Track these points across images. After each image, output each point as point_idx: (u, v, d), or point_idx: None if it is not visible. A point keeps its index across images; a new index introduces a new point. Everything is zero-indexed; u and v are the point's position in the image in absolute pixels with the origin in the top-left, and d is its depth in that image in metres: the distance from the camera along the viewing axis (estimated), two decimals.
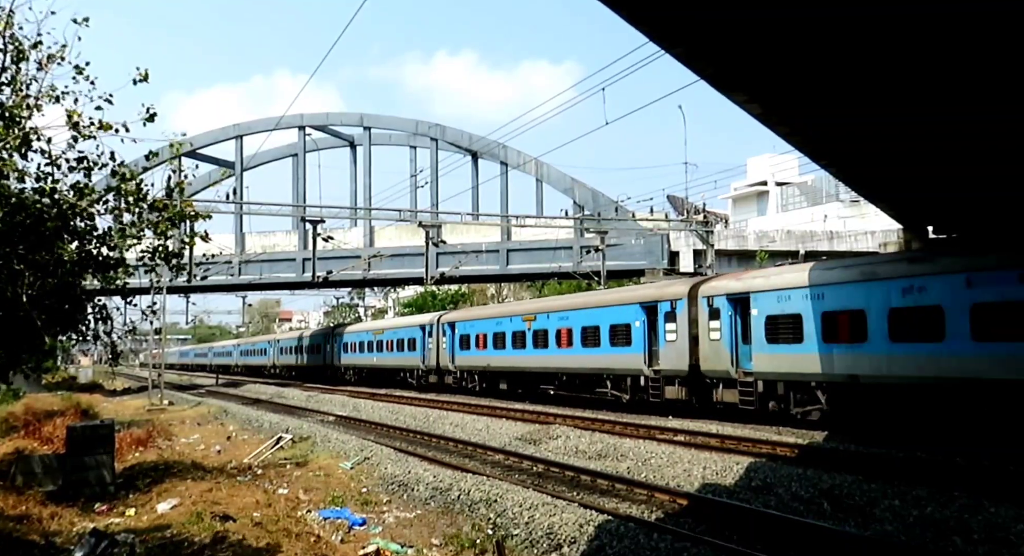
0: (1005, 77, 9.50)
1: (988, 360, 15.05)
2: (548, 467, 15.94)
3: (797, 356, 19.13)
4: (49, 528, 11.44)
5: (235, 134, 52.31)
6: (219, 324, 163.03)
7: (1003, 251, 15.55)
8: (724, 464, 14.61)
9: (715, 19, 8.09)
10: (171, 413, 32.53)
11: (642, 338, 24.38)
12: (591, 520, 10.34)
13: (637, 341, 24.58)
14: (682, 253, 42.27)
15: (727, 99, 10.80)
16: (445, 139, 50.25)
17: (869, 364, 17.37)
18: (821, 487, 12.41)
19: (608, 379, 26.22)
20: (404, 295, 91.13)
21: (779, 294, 19.83)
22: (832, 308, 18.29)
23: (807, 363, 18.81)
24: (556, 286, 58.91)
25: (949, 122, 11.47)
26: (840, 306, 18.09)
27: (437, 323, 38.41)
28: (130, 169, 10.78)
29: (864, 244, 40.09)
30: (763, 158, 71.06)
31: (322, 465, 16.58)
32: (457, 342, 36.18)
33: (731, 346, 21.09)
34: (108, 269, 11.71)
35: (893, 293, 16.95)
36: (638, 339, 24.54)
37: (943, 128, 11.73)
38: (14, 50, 10.67)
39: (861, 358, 17.57)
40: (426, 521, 11.66)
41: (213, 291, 62.92)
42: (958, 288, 15.70)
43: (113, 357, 13.44)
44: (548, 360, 29.25)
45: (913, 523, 10.57)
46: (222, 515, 11.50)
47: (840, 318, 18.06)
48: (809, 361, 18.77)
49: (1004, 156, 12.72)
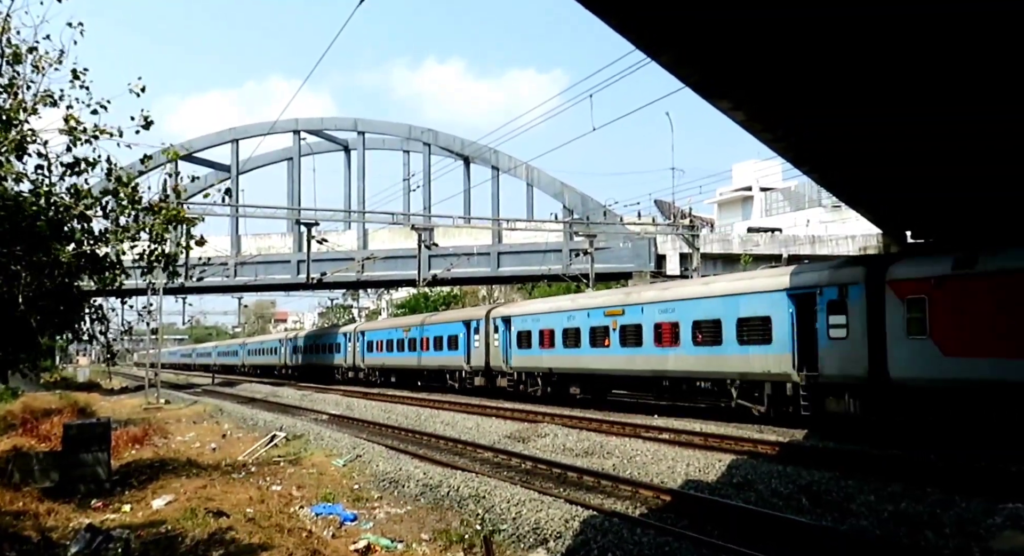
0: (980, 83, 9.80)
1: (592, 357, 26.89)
2: (536, 464, 16.21)
3: (530, 357, 30.37)
4: (45, 524, 11.59)
5: (231, 138, 52.56)
6: (215, 325, 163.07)
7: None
8: (707, 461, 14.91)
9: (700, 28, 8.38)
10: (167, 412, 32.69)
11: (464, 344, 34.59)
12: (577, 516, 10.60)
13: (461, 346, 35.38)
14: (669, 256, 42.73)
15: (712, 106, 11.10)
16: (438, 144, 50.63)
17: (556, 361, 28.78)
18: (800, 483, 12.71)
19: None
20: (397, 297, 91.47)
21: (523, 318, 31.07)
22: (543, 327, 29.62)
23: (535, 361, 30.11)
24: (546, 288, 59.30)
25: (926, 128, 11.79)
26: (544, 327, 29.59)
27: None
28: (127, 173, 10.97)
29: (845, 248, 40.64)
30: (748, 164, 71.78)
31: (315, 462, 16.79)
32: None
33: (504, 350, 31.78)
34: (105, 270, 11.89)
35: (564, 319, 28.51)
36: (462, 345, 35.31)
37: (920, 132, 12.03)
38: (11, 54, 10.87)
39: (554, 358, 28.90)
40: (416, 517, 11.87)
41: (209, 292, 63.17)
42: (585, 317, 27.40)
43: (110, 357, 13.64)
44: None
45: (888, 518, 10.85)
46: (216, 511, 11.69)
47: (545, 333, 29.42)
48: (536, 360, 30.08)
49: (978, 159, 13.05)
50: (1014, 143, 12.01)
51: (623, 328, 25.17)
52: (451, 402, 30.92)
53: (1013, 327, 14.73)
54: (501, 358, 32.43)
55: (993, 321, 15.11)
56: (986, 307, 15.31)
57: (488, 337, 33.41)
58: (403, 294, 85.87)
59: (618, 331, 25.39)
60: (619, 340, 25.34)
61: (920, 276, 16.58)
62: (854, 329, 17.69)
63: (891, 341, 16.88)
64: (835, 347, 18.06)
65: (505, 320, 32.25)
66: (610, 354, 25.79)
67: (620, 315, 25.43)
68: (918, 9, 7.63)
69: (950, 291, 15.98)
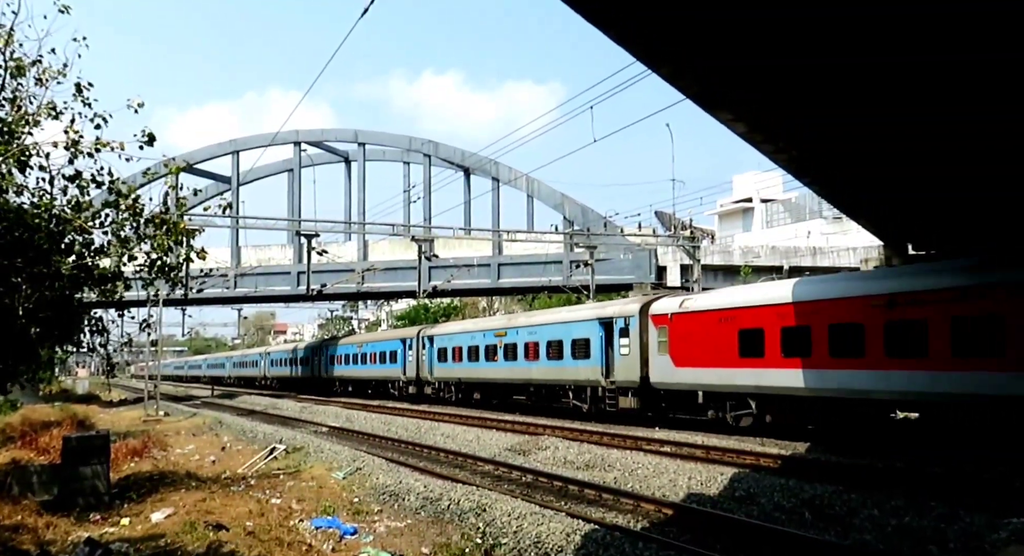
0: (984, 97, 9.81)
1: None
2: (537, 477, 16.15)
3: (447, 369, 37.13)
4: (44, 537, 11.55)
5: (231, 149, 52.63)
6: (215, 336, 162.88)
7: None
8: (709, 475, 14.85)
9: (700, 40, 8.40)
10: (167, 424, 32.63)
11: (401, 358, 41.83)
12: (578, 529, 10.54)
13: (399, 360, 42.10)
14: (669, 268, 42.72)
15: (713, 118, 11.12)
16: (438, 155, 50.72)
17: (464, 373, 35.65)
18: (803, 497, 12.65)
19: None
20: (397, 308, 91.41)
21: (442, 337, 38.04)
22: (455, 345, 36.30)
23: (451, 372, 36.91)
24: (547, 300, 59.24)
25: (928, 141, 11.80)
26: (456, 345, 36.25)
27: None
28: (129, 185, 10.97)
29: (847, 260, 40.60)
30: (748, 175, 71.93)
31: (315, 475, 16.73)
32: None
33: (428, 363, 38.67)
34: (106, 282, 11.87)
35: (469, 339, 35.27)
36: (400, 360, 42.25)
37: (922, 146, 12.05)
38: (14, 67, 10.89)
39: (463, 370, 35.62)
40: (416, 530, 11.80)
41: (209, 304, 63.02)
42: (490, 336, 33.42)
43: (109, 369, 13.60)
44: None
45: (891, 532, 10.78)
46: (215, 524, 11.66)
47: (456, 350, 36.13)
48: (451, 371, 36.85)
49: (981, 171, 13.06)
50: (1014, 155, 12.02)
51: (506, 346, 32.00)
52: (451, 414, 30.87)
53: (705, 347, 21.81)
54: (427, 370, 39.08)
55: (695, 343, 22.20)
56: (692, 334, 22.35)
57: (418, 353, 40.15)
58: (403, 306, 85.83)
59: (502, 349, 32.23)
60: (503, 356, 32.20)
61: (664, 312, 23.62)
62: (632, 348, 24.68)
63: (651, 357, 23.99)
64: (623, 361, 25.16)
65: (430, 339, 39.14)
66: (498, 367, 32.75)
67: (504, 336, 32.30)
68: (918, 9, 7.61)
69: (677, 323, 23.05)
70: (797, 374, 18.84)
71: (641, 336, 24.19)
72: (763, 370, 19.80)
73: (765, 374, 19.74)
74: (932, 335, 16.07)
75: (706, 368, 21.70)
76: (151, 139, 10.49)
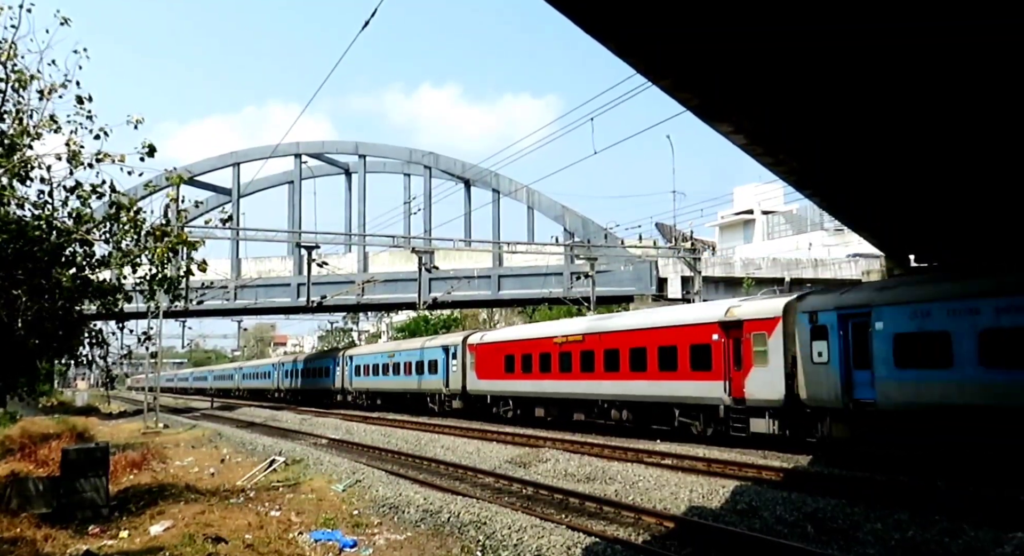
0: (984, 113, 9.83)
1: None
2: (537, 490, 16.06)
3: (361, 381, 47.93)
4: (43, 550, 11.50)
5: (232, 161, 52.78)
6: (215, 348, 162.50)
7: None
8: (710, 487, 14.78)
9: (700, 52, 8.41)
10: (166, 436, 32.51)
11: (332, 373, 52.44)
12: (579, 542, 10.48)
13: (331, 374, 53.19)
14: (670, 279, 42.67)
15: (713, 130, 11.13)
16: (438, 167, 50.79)
17: (371, 385, 46.82)
18: (805, 510, 12.58)
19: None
20: (397, 320, 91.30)
21: (358, 357, 48.89)
22: (366, 363, 47.07)
23: (364, 384, 47.77)
24: (547, 312, 59.13)
25: (930, 155, 11.81)
26: (367, 363, 47.09)
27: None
28: (130, 197, 10.98)
29: (848, 271, 40.52)
30: (749, 187, 71.89)
31: (314, 487, 16.66)
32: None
33: (350, 377, 49.29)
34: (106, 294, 11.86)
35: (374, 358, 46.67)
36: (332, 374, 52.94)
37: (924, 160, 12.06)
38: (15, 80, 10.92)
39: (370, 382, 46.72)
40: (416, 543, 11.73)
41: (209, 315, 63.09)
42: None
43: (109, 381, 13.58)
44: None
45: (895, 546, 10.73)
46: (214, 537, 11.59)
47: (367, 366, 47.04)
48: (364, 384, 47.77)
49: (979, 183, 13.06)
50: (1013, 167, 12.03)
51: (395, 365, 43.31)
52: (451, 427, 30.78)
53: (490, 367, 33.37)
54: (348, 382, 49.77)
55: (486, 364, 33.72)
56: (485, 358, 33.94)
57: (343, 369, 50.54)
58: (403, 317, 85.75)
59: (391, 366, 43.75)
60: (393, 371, 43.60)
61: (474, 342, 35.12)
62: (457, 367, 36.10)
63: (467, 373, 35.35)
64: (453, 375, 36.58)
65: (351, 358, 50.11)
66: (389, 379, 44.09)
67: (393, 357, 43.77)
68: (932, 39, 7.66)
69: (479, 350, 34.54)
70: (528, 383, 30.77)
71: (463, 358, 35.59)
72: (514, 381, 31.76)
73: (516, 384, 31.66)
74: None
75: (491, 380, 33.40)
76: (152, 150, 10.49)
